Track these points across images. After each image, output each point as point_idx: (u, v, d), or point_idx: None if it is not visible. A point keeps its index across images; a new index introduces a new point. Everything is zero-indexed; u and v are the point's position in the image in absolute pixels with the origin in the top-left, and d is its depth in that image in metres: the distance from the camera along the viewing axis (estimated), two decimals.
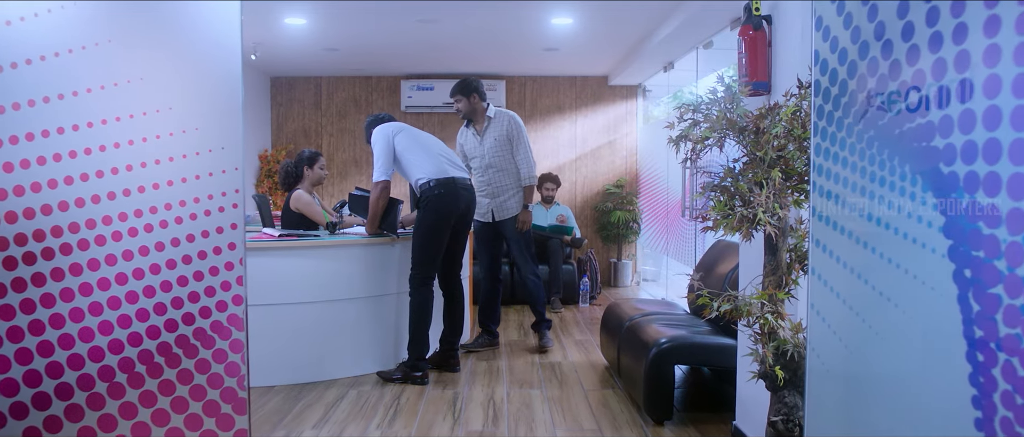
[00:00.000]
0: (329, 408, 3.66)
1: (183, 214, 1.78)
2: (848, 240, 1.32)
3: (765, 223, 2.14)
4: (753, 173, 2.27)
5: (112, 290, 1.75)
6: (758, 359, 2.31)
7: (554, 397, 3.84)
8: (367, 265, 4.30)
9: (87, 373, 1.73)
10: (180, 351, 1.77)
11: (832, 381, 1.38)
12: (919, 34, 1.09)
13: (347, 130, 8.03)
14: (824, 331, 1.42)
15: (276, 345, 4.05)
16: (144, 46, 1.85)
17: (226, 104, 1.80)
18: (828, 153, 1.38)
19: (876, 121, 1.21)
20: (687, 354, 3.43)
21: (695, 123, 2.40)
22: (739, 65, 2.85)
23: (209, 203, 1.77)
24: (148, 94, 1.79)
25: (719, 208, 2.21)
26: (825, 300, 1.41)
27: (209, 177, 1.78)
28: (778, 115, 2.19)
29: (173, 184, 1.78)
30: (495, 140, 4.76)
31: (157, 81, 1.81)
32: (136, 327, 1.77)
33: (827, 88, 1.39)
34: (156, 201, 1.78)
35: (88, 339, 1.75)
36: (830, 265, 1.39)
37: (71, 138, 1.77)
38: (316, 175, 4.71)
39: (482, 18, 5.47)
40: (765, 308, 2.25)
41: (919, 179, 1.09)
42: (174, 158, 1.78)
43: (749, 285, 2.37)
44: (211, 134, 1.80)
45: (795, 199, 2.26)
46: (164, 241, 1.78)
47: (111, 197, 1.76)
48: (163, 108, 1.79)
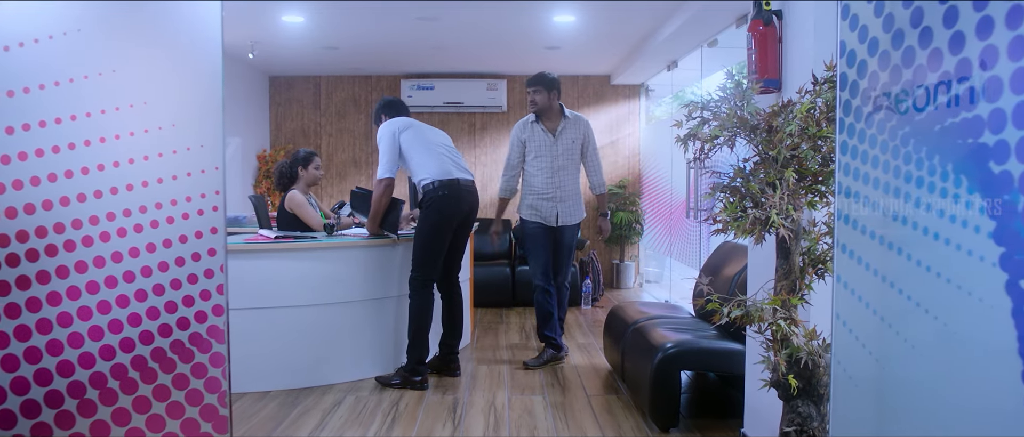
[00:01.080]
0: (326, 414, 3.57)
1: (159, 217, 1.66)
2: (878, 245, 1.22)
3: (779, 225, 2.04)
4: (765, 173, 2.18)
5: (81, 300, 1.63)
6: (770, 367, 2.22)
7: (557, 403, 3.75)
8: (365, 267, 4.21)
9: (55, 389, 1.61)
10: (156, 366, 1.64)
11: (859, 395, 1.28)
12: (964, 19, 0.99)
13: (346, 130, 7.94)
14: (850, 341, 1.32)
15: (272, 349, 3.96)
16: (115, 36, 1.73)
17: (205, 98, 1.68)
18: (855, 151, 1.29)
19: (912, 116, 1.11)
20: (693, 359, 3.33)
21: (704, 121, 2.31)
22: (748, 62, 2.76)
23: (187, 206, 1.65)
24: (119, 88, 1.67)
25: (731, 210, 2.11)
26: (851, 308, 1.32)
27: (187, 177, 1.66)
28: (792, 113, 2.10)
29: (148, 185, 1.66)
30: (572, 142, 4.57)
31: (129, 74, 1.68)
32: (108, 340, 1.65)
33: (855, 81, 1.30)
34: (129, 203, 1.66)
35: (56, 352, 1.63)
36: (857, 271, 1.30)
37: (34, 136, 1.64)
38: (311, 175, 4.61)
39: (483, 16, 5.37)
40: (778, 314, 2.16)
41: (964, 179, 1.00)
42: (149, 157, 1.65)
43: (760, 290, 2.28)
44: (189, 131, 1.68)
45: (809, 200, 2.16)
46: (138, 247, 1.66)
47: (81, 199, 1.63)
48: (136, 103, 1.66)
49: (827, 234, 2.19)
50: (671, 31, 5.29)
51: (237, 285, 3.88)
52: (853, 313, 1.30)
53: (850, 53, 1.31)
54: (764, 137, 2.19)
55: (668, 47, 5.80)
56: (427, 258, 4.04)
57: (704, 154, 2.33)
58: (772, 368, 2.22)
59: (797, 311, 2.19)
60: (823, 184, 2.15)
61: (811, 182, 2.14)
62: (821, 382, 2.18)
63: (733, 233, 2.17)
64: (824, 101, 2.09)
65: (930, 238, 1.06)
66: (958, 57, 1.00)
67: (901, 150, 1.13)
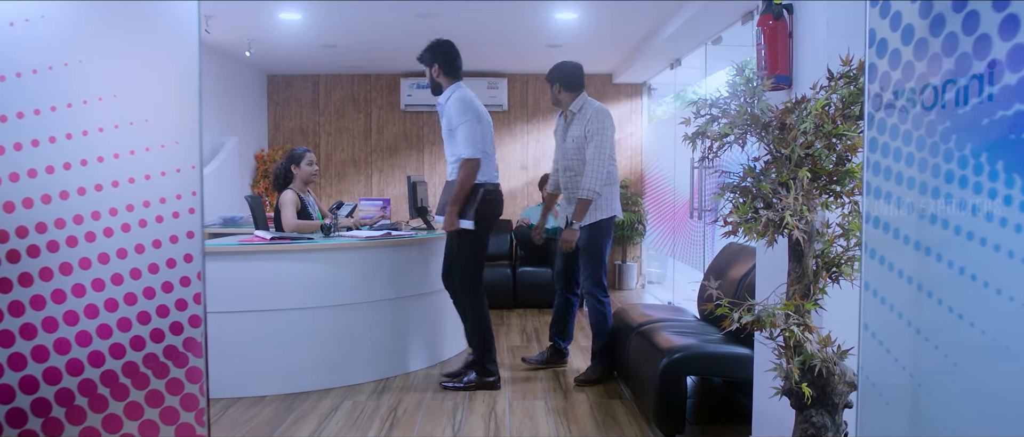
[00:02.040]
0: (323, 419, 3.48)
1: (130, 220, 1.52)
2: (913, 250, 1.13)
3: (793, 227, 1.95)
4: (777, 173, 2.09)
5: (47, 310, 1.49)
6: (782, 374, 2.13)
7: (558, 408, 3.66)
8: (363, 269, 4.12)
9: (18, 407, 1.48)
10: (127, 381, 1.51)
11: (890, 412, 1.19)
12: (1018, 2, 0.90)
13: (345, 129, 7.84)
14: (879, 354, 1.23)
15: (267, 353, 3.87)
16: (80, 23, 1.58)
17: (180, 90, 1.54)
18: (886, 148, 1.20)
19: (955, 109, 1.02)
20: (700, 365, 3.24)
21: (713, 119, 2.22)
22: (758, 57, 2.67)
23: (161, 208, 1.52)
24: (85, 79, 1.53)
25: (742, 211, 2.02)
26: (880, 318, 1.22)
27: (161, 177, 1.52)
28: (806, 109, 2.01)
29: (118, 185, 1.52)
30: (574, 140, 4.15)
31: (96, 64, 1.55)
32: (75, 353, 1.52)
33: (886, 73, 1.21)
34: (97, 205, 1.52)
35: (18, 368, 1.49)
36: (887, 278, 1.20)
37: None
38: (305, 173, 4.53)
39: (483, 13, 5.28)
40: (791, 320, 2.07)
41: (1017, 179, 0.91)
42: (120, 154, 1.52)
43: (772, 294, 2.19)
44: (163, 127, 1.54)
45: (824, 201, 2.07)
46: (107, 252, 1.52)
47: (45, 201, 1.50)
48: (105, 96, 1.52)
49: (842, 236, 2.10)
50: (674, 29, 5.19)
51: (231, 287, 3.80)
52: (883, 323, 1.21)
53: (880, 42, 1.21)
54: (776, 135, 2.10)
55: (671, 45, 5.71)
56: (482, 261, 4.00)
57: (713, 153, 2.24)
58: (784, 376, 2.12)
59: (810, 317, 2.10)
60: (838, 184, 2.06)
61: (826, 182, 2.05)
62: (836, 391, 2.09)
63: (743, 235, 2.08)
64: (839, 97, 2.00)
65: (975, 243, 0.97)
66: (1010, 43, 0.91)
67: (941, 146, 1.04)
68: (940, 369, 1.06)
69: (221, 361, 3.79)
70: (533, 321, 6.04)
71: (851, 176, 2.02)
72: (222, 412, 3.58)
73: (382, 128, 7.84)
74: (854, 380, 2.10)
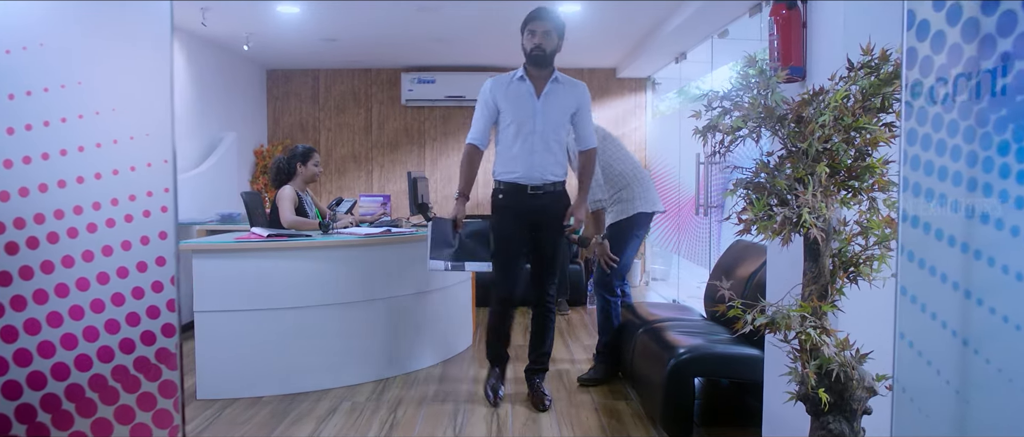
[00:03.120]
0: (321, 421, 3.39)
1: (97, 220, 1.38)
2: (958, 252, 1.03)
3: (811, 225, 1.85)
4: (793, 168, 1.99)
5: (5, 320, 1.35)
6: (797, 379, 2.03)
7: (562, 410, 3.57)
8: (362, 267, 4.03)
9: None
10: (95, 396, 1.36)
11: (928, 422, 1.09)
12: None
13: (346, 125, 7.75)
14: (919, 366, 1.13)
15: (264, 353, 3.79)
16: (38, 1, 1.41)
17: (151, 77, 1.39)
18: (927, 140, 1.10)
19: (1012, 96, 0.92)
20: (708, 366, 3.15)
21: (725, 112, 2.12)
22: (770, 48, 2.57)
23: (130, 206, 1.39)
24: (47, 65, 1.37)
25: (759, 208, 1.92)
26: (919, 326, 1.13)
27: (130, 172, 1.39)
28: (824, 101, 1.91)
29: (83, 181, 1.38)
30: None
31: (57, 47, 1.39)
32: (37, 365, 1.37)
33: (928, 57, 1.11)
34: (61, 204, 1.37)
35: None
36: (927, 282, 1.11)
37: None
38: (309, 172, 4.43)
39: (485, 6, 5.18)
40: (807, 322, 1.97)
41: None
42: (84, 147, 1.37)
43: (787, 295, 2.09)
44: (132, 117, 1.39)
45: (842, 198, 1.97)
46: (73, 255, 1.38)
47: (4, 199, 1.35)
48: (69, 83, 1.37)
49: (860, 234, 2.00)
50: (680, 22, 5.09)
51: (227, 286, 3.71)
52: (922, 332, 1.11)
53: (921, 24, 1.11)
54: (792, 129, 2.01)
55: (676, 38, 5.61)
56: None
57: (724, 147, 2.14)
58: (800, 380, 2.03)
59: (827, 319, 2.01)
60: (857, 180, 1.96)
61: (845, 177, 1.95)
62: (854, 397, 2.00)
63: (758, 233, 1.99)
64: (859, 88, 1.90)
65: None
66: None
67: (994, 138, 0.94)
68: (991, 384, 0.96)
69: (217, 362, 3.71)
70: None
71: (871, 171, 1.93)
72: (218, 413, 3.49)
73: (383, 123, 7.75)
74: (873, 385, 2.01)
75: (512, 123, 3.54)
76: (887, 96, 1.86)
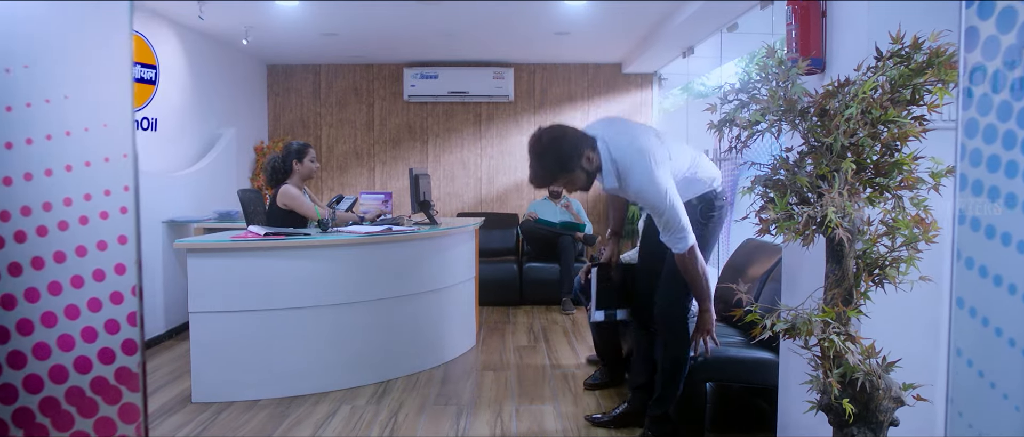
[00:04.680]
0: (319, 425, 3.29)
1: (49, 222, 1.23)
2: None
3: (837, 225, 1.74)
4: (815, 164, 1.87)
5: None
6: (818, 387, 1.92)
7: (568, 413, 3.46)
8: (362, 267, 3.92)
9: None
10: (46, 421, 1.21)
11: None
12: None
13: (347, 120, 7.63)
14: (979, 388, 1.02)
15: (261, 355, 3.68)
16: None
17: (108, 59, 1.23)
18: (991, 132, 0.99)
19: None
20: (721, 370, 3.03)
21: (742, 105, 2.01)
22: (788, 39, 2.45)
23: (85, 206, 1.23)
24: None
25: (781, 207, 1.81)
26: (980, 343, 1.02)
27: (84, 168, 1.23)
28: (850, 93, 1.79)
29: (32, 178, 1.22)
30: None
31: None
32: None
33: (993, 37, 0.99)
34: (8, 204, 1.22)
35: None
36: (990, 294, 0.99)
37: None
38: (306, 169, 4.32)
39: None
40: (831, 327, 1.86)
41: None
42: (33, 140, 1.21)
43: (808, 299, 1.98)
44: (86, 105, 1.23)
45: (869, 196, 1.86)
46: (21, 263, 1.23)
47: None
48: (14, 67, 1.21)
49: (885, 234, 1.88)
50: (688, 15, 4.96)
51: (222, 286, 3.61)
52: (984, 350, 1.00)
53: (985, 2, 0.99)
54: (815, 123, 1.89)
55: (684, 32, 5.47)
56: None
57: (741, 142, 2.03)
58: (821, 389, 1.92)
59: (851, 324, 1.89)
60: (885, 177, 1.84)
61: (873, 174, 1.83)
62: (880, 407, 1.89)
63: (778, 233, 1.87)
64: (888, 79, 1.78)
65: None
66: None
67: None
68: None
69: (212, 364, 3.61)
70: (540, 319, 5.84)
71: (900, 168, 1.81)
72: (213, 418, 3.39)
73: (385, 119, 7.64)
74: (901, 395, 1.90)
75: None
76: (918, 87, 1.75)
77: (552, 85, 7.61)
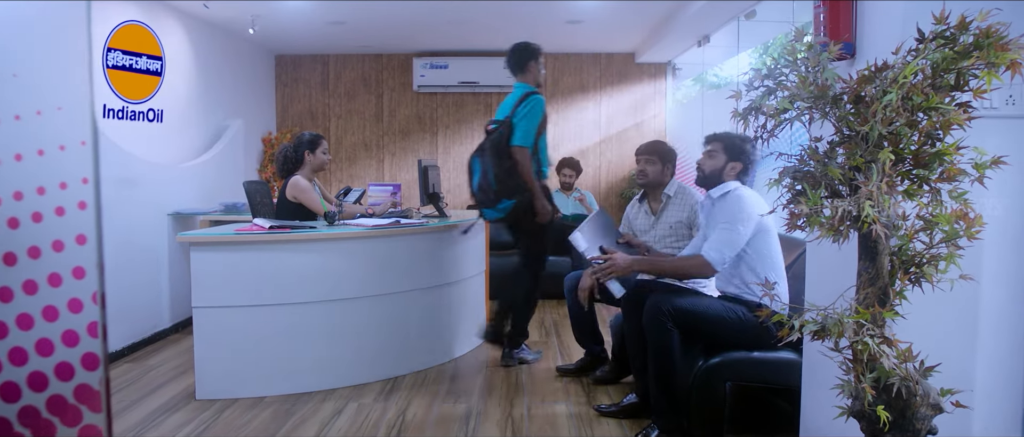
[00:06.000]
0: (325, 424, 3.20)
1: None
2: None
3: (874, 220, 1.62)
4: (848, 155, 1.75)
5: None
6: (850, 393, 1.80)
7: (581, 414, 3.35)
8: (370, 260, 3.82)
9: None
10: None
11: None
12: None
13: (356, 111, 7.54)
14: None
15: (266, 351, 3.60)
16: None
17: (63, 36, 1.06)
18: None
19: None
20: (740, 371, 2.92)
21: (769, 91, 1.88)
22: (815, 22, 2.33)
23: (38, 201, 1.07)
24: None
25: (814, 201, 1.69)
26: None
27: (37, 157, 1.07)
28: (889, 78, 1.66)
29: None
30: (671, 227, 3.70)
31: None
32: None
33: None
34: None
35: None
36: None
37: None
38: (318, 160, 4.23)
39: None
40: (865, 329, 1.74)
41: None
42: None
43: (840, 298, 1.86)
44: (37, 86, 1.08)
45: (907, 188, 1.73)
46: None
47: None
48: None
49: (923, 230, 1.76)
50: (704, 2, 4.82)
51: (226, 280, 3.52)
52: None
53: None
54: (848, 110, 1.77)
55: (700, 20, 5.33)
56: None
57: (768, 132, 1.91)
58: (853, 394, 1.80)
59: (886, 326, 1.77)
60: (925, 168, 1.72)
61: (912, 166, 1.71)
62: (917, 415, 1.77)
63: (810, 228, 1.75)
64: (930, 63, 1.65)
65: None
66: None
67: None
68: None
69: (216, 360, 3.53)
70: (552, 314, 5.73)
71: (941, 159, 1.68)
72: (216, 415, 3.31)
73: (394, 110, 7.54)
74: (939, 402, 1.78)
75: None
76: (963, 72, 1.62)
77: (564, 75, 7.48)
